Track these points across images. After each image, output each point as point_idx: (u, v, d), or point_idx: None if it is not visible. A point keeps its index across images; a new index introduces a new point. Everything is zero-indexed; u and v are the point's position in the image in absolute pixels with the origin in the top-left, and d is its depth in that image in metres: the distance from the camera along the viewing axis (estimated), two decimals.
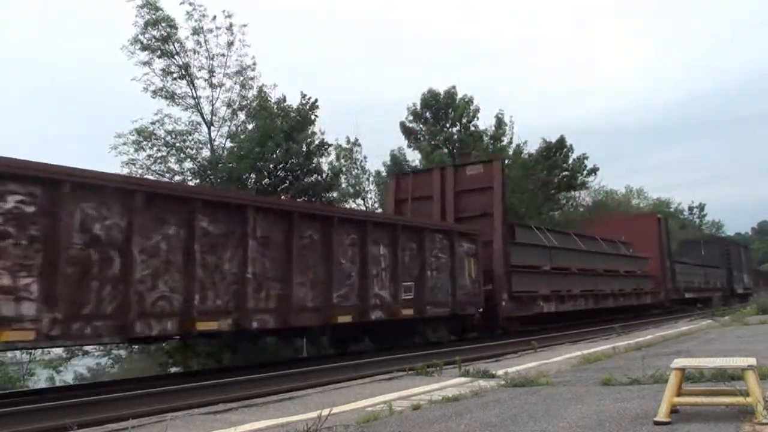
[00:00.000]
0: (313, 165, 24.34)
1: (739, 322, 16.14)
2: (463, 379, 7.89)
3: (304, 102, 24.68)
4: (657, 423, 4.51)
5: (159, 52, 22.82)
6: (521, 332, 17.60)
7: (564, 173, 36.28)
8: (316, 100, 24.84)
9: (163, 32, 22.61)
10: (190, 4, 22.96)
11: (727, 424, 4.42)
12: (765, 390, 4.66)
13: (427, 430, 4.85)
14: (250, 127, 24.22)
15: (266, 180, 23.13)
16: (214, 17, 23.44)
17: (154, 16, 22.42)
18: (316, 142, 24.68)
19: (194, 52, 23.45)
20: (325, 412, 4.73)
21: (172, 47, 22.99)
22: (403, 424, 5.07)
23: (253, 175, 22.98)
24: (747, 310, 20.31)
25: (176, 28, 22.85)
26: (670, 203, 71.64)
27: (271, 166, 23.22)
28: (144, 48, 22.63)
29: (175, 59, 23.17)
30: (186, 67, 23.37)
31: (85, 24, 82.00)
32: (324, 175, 24.93)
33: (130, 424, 5.50)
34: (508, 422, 4.94)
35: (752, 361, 4.73)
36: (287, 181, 23.48)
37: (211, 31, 23.42)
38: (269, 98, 24.36)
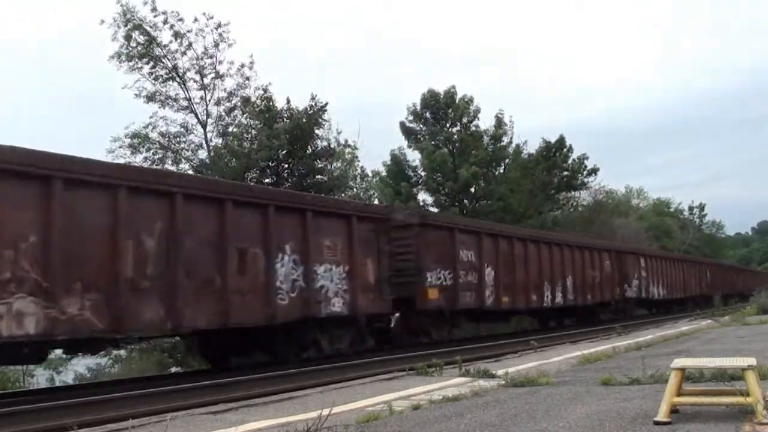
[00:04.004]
0: (319, 167, 24.37)
1: (740, 322, 16.14)
2: (463, 379, 7.88)
3: (312, 104, 24.68)
4: (657, 423, 4.51)
5: (146, 58, 22.88)
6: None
7: (564, 173, 36.24)
8: (326, 104, 24.69)
9: (144, 38, 22.67)
10: (163, 12, 22.98)
11: (727, 424, 4.42)
12: (765, 390, 4.66)
13: (427, 430, 4.85)
14: (245, 123, 24.26)
15: (268, 179, 23.15)
16: (195, 20, 23.43)
17: (131, 26, 22.44)
18: (329, 143, 24.77)
19: (181, 54, 23.50)
20: (325, 412, 4.72)
21: (157, 51, 23.03)
22: (403, 424, 5.07)
23: (255, 173, 22.99)
24: (747, 310, 20.29)
25: (158, 31, 22.88)
26: (670, 203, 71.66)
27: (273, 164, 23.23)
28: (129, 58, 22.73)
29: (162, 62, 23.22)
30: (174, 68, 23.42)
31: (82, 23, 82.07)
32: (332, 176, 24.97)
33: (130, 424, 5.49)
34: (508, 422, 4.94)
35: (752, 361, 4.73)
36: (290, 181, 23.50)
37: (192, 32, 23.41)
38: (273, 100, 24.40)
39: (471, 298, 16.09)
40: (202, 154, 24.06)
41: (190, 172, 22.97)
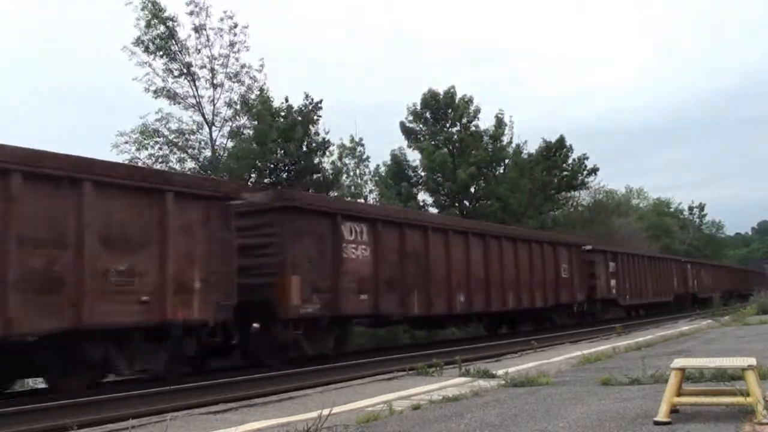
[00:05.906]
0: (315, 164, 24.40)
1: (739, 322, 16.15)
2: (463, 379, 7.89)
3: (307, 102, 24.77)
4: (657, 423, 4.51)
5: (161, 51, 22.76)
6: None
7: (564, 173, 36.20)
8: (320, 101, 24.98)
9: (164, 31, 22.56)
10: (196, 4, 22.97)
11: (727, 424, 4.42)
12: (765, 390, 4.66)
13: (427, 430, 4.85)
14: (249, 126, 24.27)
15: (267, 180, 23.16)
16: (221, 19, 23.44)
17: (155, 15, 22.35)
18: (319, 140, 24.78)
19: (197, 51, 23.43)
20: (325, 411, 4.73)
21: (173, 46, 22.93)
22: (403, 424, 5.07)
23: (254, 175, 23.00)
24: (747, 310, 20.30)
25: (178, 25, 22.80)
26: (670, 203, 71.65)
27: (272, 165, 23.22)
28: (146, 49, 22.60)
29: (177, 56, 23.11)
30: (188, 65, 23.34)
31: (83, 21, 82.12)
32: (326, 174, 24.99)
33: (130, 424, 5.50)
34: (508, 422, 4.94)
35: (752, 361, 4.73)
36: (288, 180, 23.51)
37: (213, 29, 23.39)
38: (271, 99, 24.39)
39: (611, 293, 25.37)
40: (206, 152, 24.03)
41: (196, 170, 23.03)
